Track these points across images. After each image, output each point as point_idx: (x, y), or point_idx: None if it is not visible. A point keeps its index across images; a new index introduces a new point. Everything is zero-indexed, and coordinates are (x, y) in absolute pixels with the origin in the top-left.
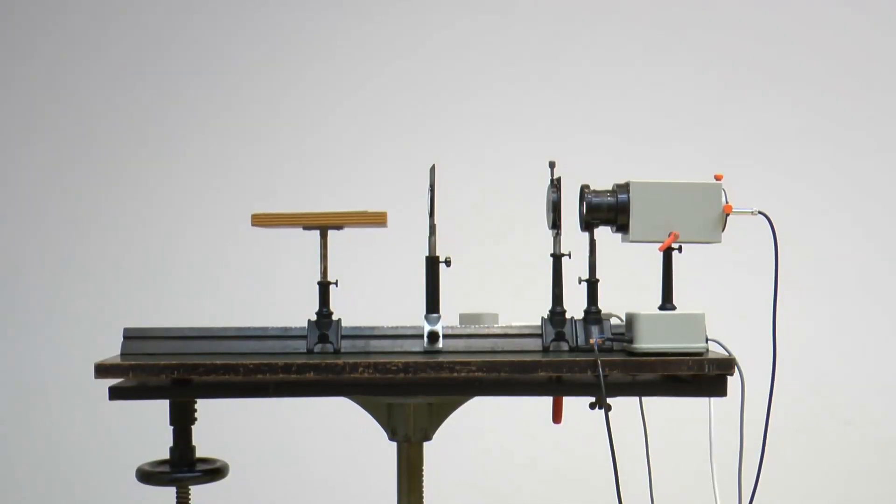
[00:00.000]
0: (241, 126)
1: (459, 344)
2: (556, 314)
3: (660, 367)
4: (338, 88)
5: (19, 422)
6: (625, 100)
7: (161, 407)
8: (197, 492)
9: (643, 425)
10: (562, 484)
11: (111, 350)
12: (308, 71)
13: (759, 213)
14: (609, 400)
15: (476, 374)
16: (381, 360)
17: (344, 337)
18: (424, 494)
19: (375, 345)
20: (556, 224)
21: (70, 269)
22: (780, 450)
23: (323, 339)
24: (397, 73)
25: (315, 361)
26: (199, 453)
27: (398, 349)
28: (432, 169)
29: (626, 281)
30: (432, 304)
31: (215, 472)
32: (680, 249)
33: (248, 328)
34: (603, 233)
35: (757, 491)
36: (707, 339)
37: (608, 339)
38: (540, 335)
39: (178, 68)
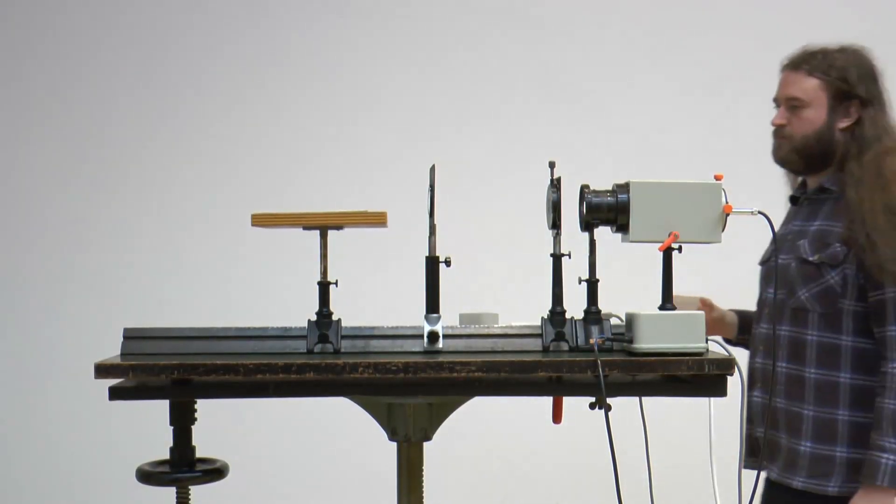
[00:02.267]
0: (241, 126)
1: (459, 344)
2: (556, 314)
3: (660, 367)
4: (338, 89)
5: (19, 422)
6: (625, 100)
7: (161, 407)
8: (197, 492)
9: (643, 425)
10: (562, 484)
11: (111, 350)
12: (308, 72)
13: (759, 213)
14: (609, 400)
15: (476, 374)
16: (381, 360)
17: (344, 337)
18: (424, 494)
19: (375, 345)
20: (556, 224)
21: (70, 269)
22: None
23: (323, 339)
24: (397, 73)
25: (315, 361)
26: (199, 453)
27: (398, 349)
28: (432, 169)
29: (626, 281)
30: (432, 304)
31: (215, 472)
32: (680, 249)
33: (248, 328)
34: (603, 233)
35: (757, 491)
36: (707, 339)
37: (608, 339)
38: (540, 335)
39: (179, 70)
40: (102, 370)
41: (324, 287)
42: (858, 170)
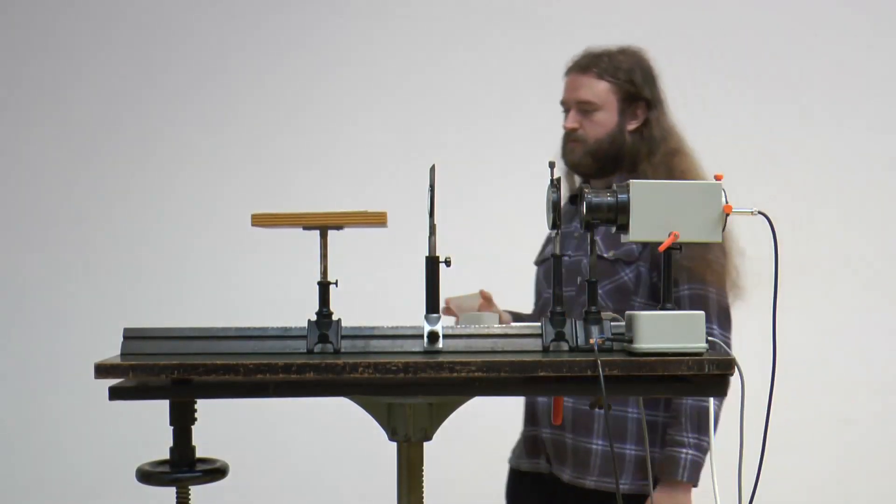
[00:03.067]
0: (241, 126)
1: (459, 344)
2: (556, 314)
3: (660, 367)
4: (338, 89)
5: (19, 422)
6: None
7: (161, 407)
8: (197, 492)
9: (643, 425)
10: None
11: (111, 350)
12: (309, 71)
13: (759, 213)
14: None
15: (476, 374)
16: (381, 360)
17: (344, 337)
18: (424, 494)
19: (375, 345)
20: (556, 224)
21: (70, 269)
22: (780, 450)
23: (323, 339)
24: (398, 73)
25: (315, 361)
26: (199, 453)
27: (398, 349)
28: (432, 169)
29: None
30: (432, 304)
31: (215, 472)
32: (680, 249)
33: (248, 328)
34: None
35: (757, 491)
36: (707, 339)
37: (608, 339)
38: (540, 335)
39: (179, 69)
40: (102, 370)
41: (324, 287)
42: (651, 171)
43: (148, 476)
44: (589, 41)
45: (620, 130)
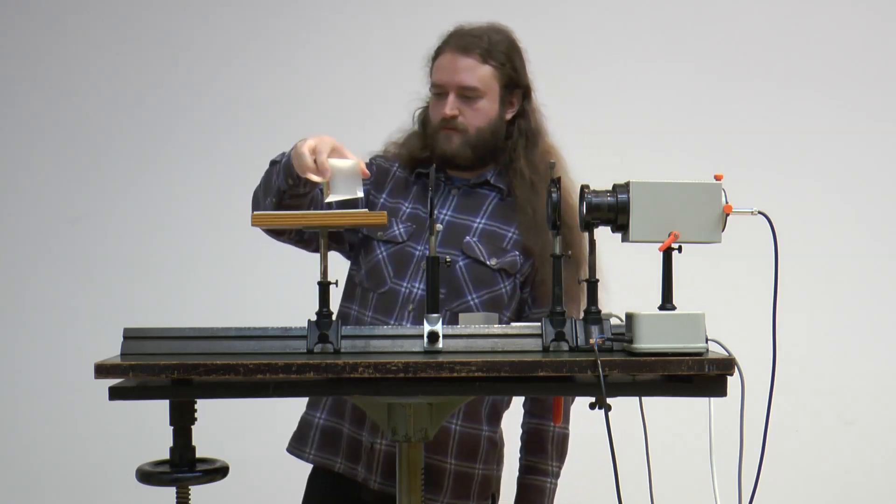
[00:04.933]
0: (241, 126)
1: (459, 344)
2: (556, 314)
3: (660, 367)
4: (338, 89)
5: (19, 422)
6: (624, 99)
7: (161, 407)
8: (197, 492)
9: (643, 425)
10: (562, 484)
11: (111, 350)
12: (309, 71)
13: (759, 213)
14: (609, 400)
15: (476, 374)
16: (381, 360)
17: (344, 337)
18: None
19: (375, 345)
20: (556, 224)
21: (70, 269)
22: (780, 450)
23: (323, 339)
24: (396, 72)
25: (315, 361)
26: (199, 453)
27: (398, 349)
28: (432, 169)
29: (626, 281)
30: (432, 304)
31: (215, 472)
32: (680, 249)
33: (248, 328)
34: (603, 233)
35: (757, 491)
36: (707, 339)
37: (608, 339)
38: (540, 335)
39: (179, 68)
40: (102, 370)
41: (324, 287)
42: (529, 171)
43: (148, 476)
44: (589, 42)
45: (501, 119)
